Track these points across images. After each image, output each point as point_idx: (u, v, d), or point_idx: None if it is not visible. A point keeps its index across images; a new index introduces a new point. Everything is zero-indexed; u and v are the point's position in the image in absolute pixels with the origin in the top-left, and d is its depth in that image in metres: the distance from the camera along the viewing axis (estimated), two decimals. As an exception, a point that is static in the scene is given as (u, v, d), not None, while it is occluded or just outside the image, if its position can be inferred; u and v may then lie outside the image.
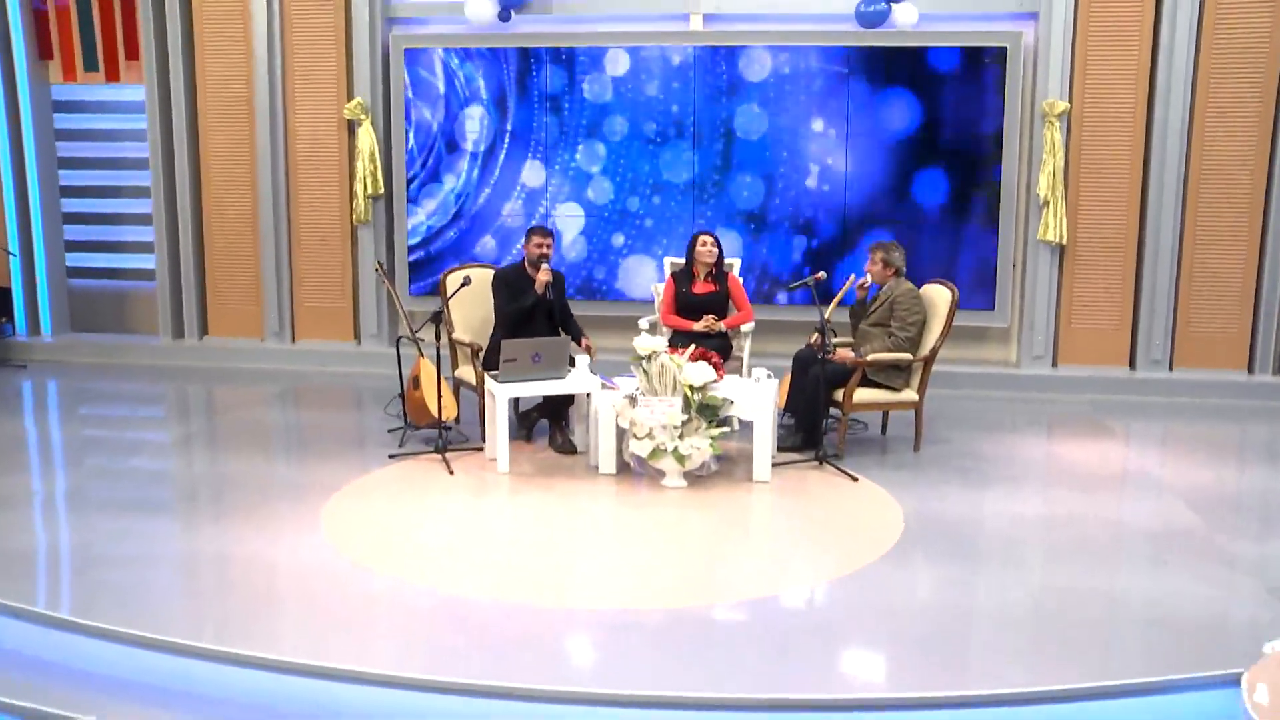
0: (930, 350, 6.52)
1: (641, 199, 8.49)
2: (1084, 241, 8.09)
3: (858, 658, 4.10)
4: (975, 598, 4.59)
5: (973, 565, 4.91)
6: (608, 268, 8.62)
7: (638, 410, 5.83)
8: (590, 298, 8.58)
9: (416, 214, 8.75)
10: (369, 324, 8.92)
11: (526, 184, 8.61)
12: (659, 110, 8.37)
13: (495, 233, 8.69)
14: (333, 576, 4.74)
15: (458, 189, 8.68)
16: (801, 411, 6.53)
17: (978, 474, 6.26)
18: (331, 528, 5.29)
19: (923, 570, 4.85)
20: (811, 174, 8.29)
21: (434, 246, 8.77)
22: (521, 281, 6.72)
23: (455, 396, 6.97)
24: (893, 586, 4.66)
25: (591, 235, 8.60)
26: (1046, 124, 7.91)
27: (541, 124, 8.52)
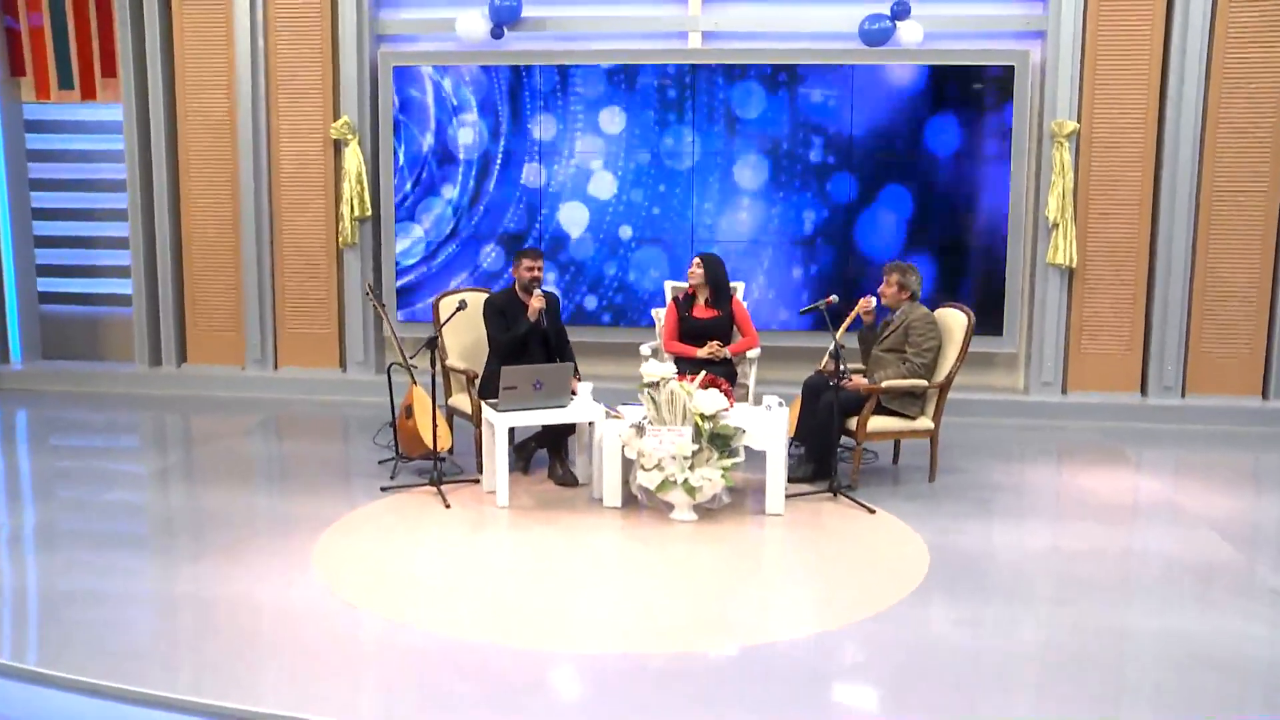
0: (946, 377, 6.27)
1: (639, 225, 8.23)
2: (1093, 264, 7.88)
3: (889, 709, 3.80)
4: (1015, 640, 4.30)
5: (1008, 604, 4.62)
6: (606, 293, 8.34)
7: (645, 440, 5.53)
8: (588, 323, 8.30)
9: (405, 237, 8.45)
10: (355, 351, 8.60)
11: (518, 209, 8.34)
12: (656, 133, 8.13)
13: (484, 259, 8.40)
14: (324, 619, 4.41)
15: (448, 213, 8.39)
16: (812, 440, 6.26)
17: (999, 505, 5.99)
18: (324, 565, 4.96)
19: (953, 610, 4.56)
20: (811, 199, 8.05)
21: (423, 271, 8.47)
22: (513, 308, 6.42)
23: (449, 426, 6.66)
24: (922, 629, 4.37)
25: (590, 260, 8.32)
26: (1055, 144, 7.72)
27: (535, 145, 8.26)
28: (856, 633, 4.31)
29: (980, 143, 7.89)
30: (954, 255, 7.97)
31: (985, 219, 7.95)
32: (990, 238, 7.95)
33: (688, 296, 6.94)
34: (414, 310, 8.48)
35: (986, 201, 7.93)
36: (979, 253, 7.97)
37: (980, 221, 7.96)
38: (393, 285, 8.51)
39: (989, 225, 7.95)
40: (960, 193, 7.95)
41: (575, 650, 4.16)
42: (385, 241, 8.51)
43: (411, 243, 8.45)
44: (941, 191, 7.96)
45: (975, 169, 7.92)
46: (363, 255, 8.50)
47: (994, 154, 7.87)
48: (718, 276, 6.83)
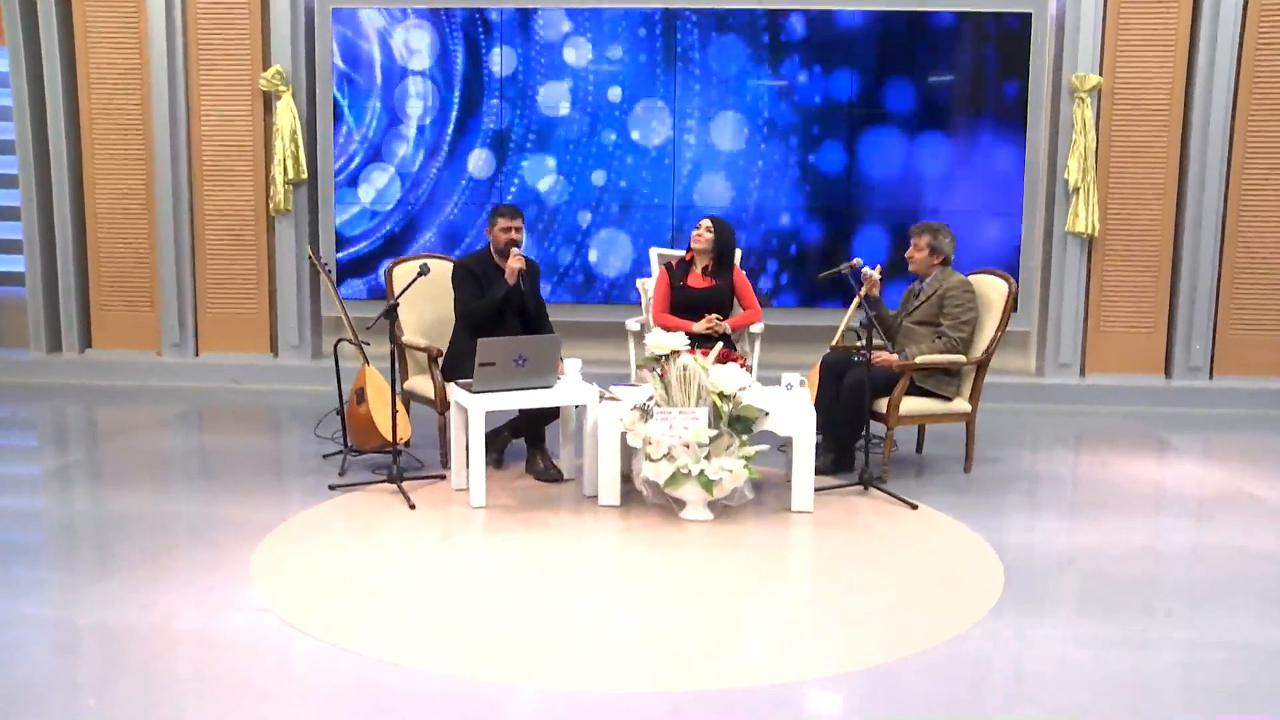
0: (985, 352, 5.47)
1: (612, 174, 7.32)
2: (1115, 233, 7.18)
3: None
4: (1146, 662, 3.49)
5: (1120, 617, 3.81)
6: (577, 262, 7.42)
7: (653, 425, 4.63)
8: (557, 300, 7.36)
9: (348, 205, 7.44)
10: (288, 334, 7.56)
11: (476, 170, 7.38)
12: (628, 80, 7.23)
13: (441, 227, 7.43)
14: (262, 650, 3.44)
15: (397, 176, 7.40)
16: (834, 426, 5.42)
17: (1053, 499, 5.21)
18: (262, 582, 3.97)
19: (1055, 626, 3.73)
20: (807, 158, 7.23)
21: (369, 242, 7.46)
22: (488, 273, 5.48)
23: (406, 414, 5.68)
24: (1025, 652, 3.54)
25: (557, 223, 7.39)
26: (1075, 101, 6.99)
27: (494, 96, 7.31)
28: (937, 661, 3.46)
29: (993, 99, 7.14)
30: (963, 223, 7.19)
31: (998, 183, 7.20)
32: (1003, 204, 7.21)
33: (682, 263, 6.05)
34: (359, 287, 7.47)
35: (999, 164, 7.18)
36: (991, 220, 7.21)
37: (992, 186, 7.21)
38: (333, 259, 7.48)
39: (1002, 190, 7.20)
40: (971, 154, 7.19)
41: (569, 687, 3.25)
42: (324, 209, 7.48)
43: (355, 210, 7.44)
44: (950, 153, 7.19)
45: (988, 128, 7.16)
46: (298, 225, 7.46)
47: (1008, 111, 7.13)
48: (727, 245, 5.96)
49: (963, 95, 7.17)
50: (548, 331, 5.60)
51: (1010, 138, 7.15)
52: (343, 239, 7.47)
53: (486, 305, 5.37)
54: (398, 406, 5.32)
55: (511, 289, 5.42)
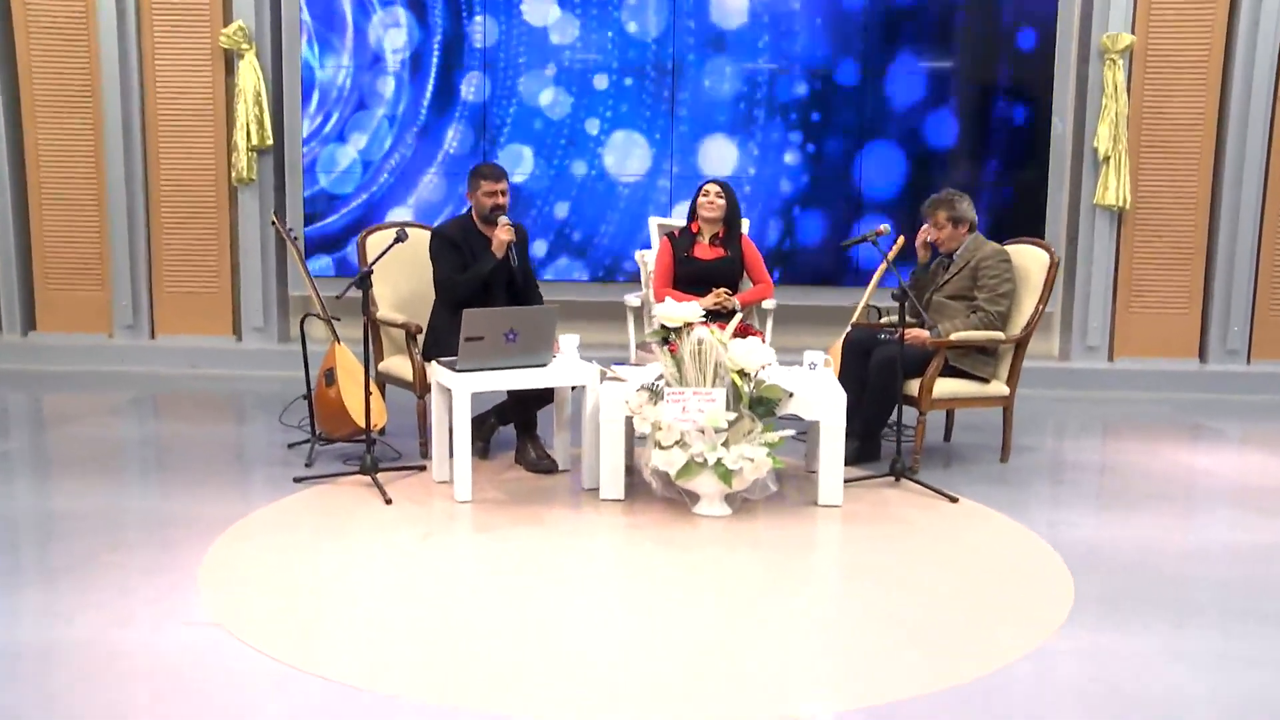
0: (1025, 329, 4.94)
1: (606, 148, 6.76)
2: (1147, 207, 6.67)
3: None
4: (1264, 679, 2.96)
5: (1220, 627, 3.29)
6: (573, 227, 6.85)
7: (664, 408, 4.07)
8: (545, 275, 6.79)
9: (318, 173, 6.83)
10: (253, 315, 6.94)
11: (457, 137, 6.79)
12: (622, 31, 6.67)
13: (420, 198, 6.84)
14: (211, 671, 2.87)
15: (372, 141, 6.80)
16: (858, 411, 4.88)
17: (1104, 491, 4.70)
18: (214, 590, 3.39)
19: (1147, 637, 3.20)
20: (807, 127, 6.69)
21: (341, 214, 6.86)
22: (470, 241, 4.91)
23: (382, 398, 5.10)
24: (1120, 668, 3.00)
25: (548, 194, 6.82)
26: (1106, 62, 6.47)
27: (476, 64, 6.72)
28: (1015, 682, 2.92)
29: (1015, 61, 6.61)
30: (983, 195, 6.67)
31: (1021, 152, 6.68)
32: (1027, 174, 6.68)
33: (686, 234, 5.49)
34: (330, 265, 6.87)
35: (1022, 131, 6.66)
36: (1013, 192, 6.69)
37: (1015, 155, 6.69)
38: (301, 233, 6.88)
39: (1025, 159, 6.68)
40: (991, 121, 6.67)
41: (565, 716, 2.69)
42: (291, 178, 6.88)
43: (326, 180, 6.84)
44: (968, 118, 6.67)
45: (1009, 92, 6.64)
46: (263, 195, 6.85)
47: (1032, 74, 6.60)
48: (735, 210, 5.41)
49: (981, 56, 6.63)
50: (538, 298, 5.05)
51: (1034, 102, 6.63)
52: (313, 211, 6.86)
53: (470, 280, 4.79)
54: (371, 389, 4.74)
55: (501, 261, 4.85)
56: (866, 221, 6.68)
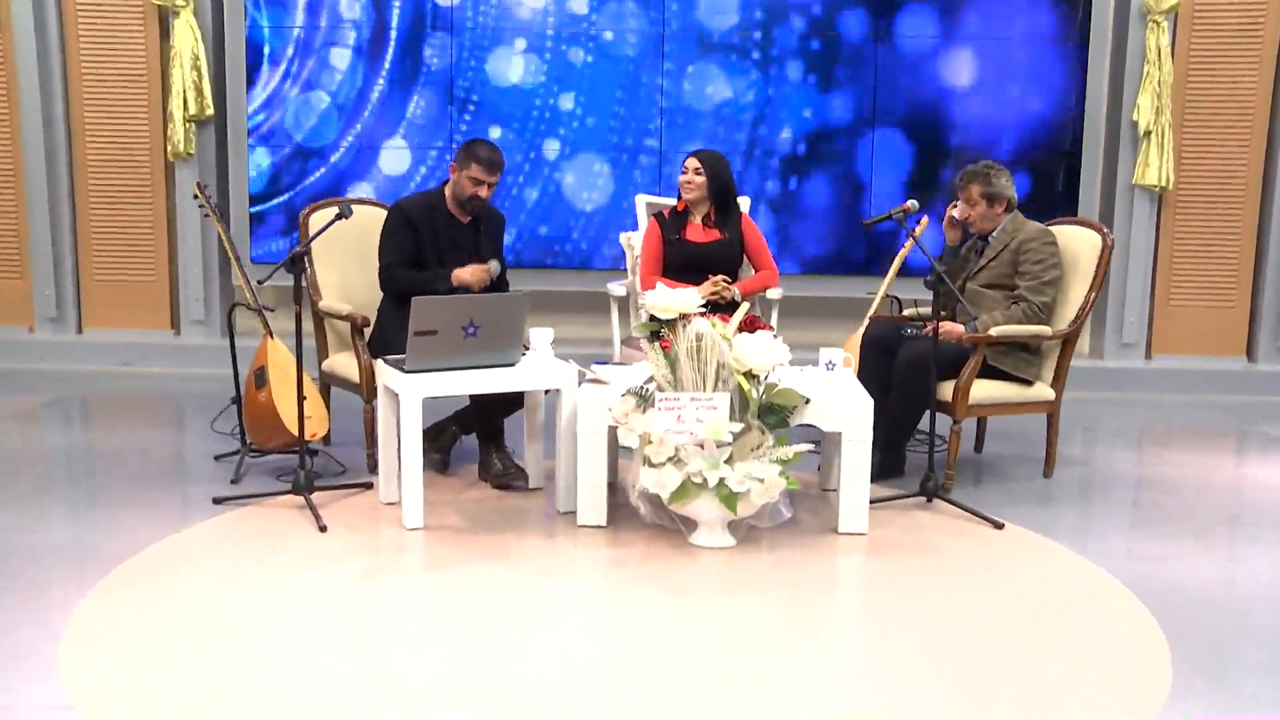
0: (1072, 324, 4.25)
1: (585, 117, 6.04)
2: (1190, 188, 5.98)
3: None
4: None
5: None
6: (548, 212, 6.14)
7: (655, 417, 3.36)
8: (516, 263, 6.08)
9: (264, 147, 6.09)
10: (192, 306, 6.20)
11: (420, 109, 6.06)
12: (614, 1, 5.96)
13: (378, 175, 6.10)
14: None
15: (325, 109, 6.06)
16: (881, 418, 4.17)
17: (1170, 514, 3.99)
18: (79, 656, 2.67)
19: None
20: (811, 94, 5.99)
21: (291, 193, 6.13)
22: (435, 223, 4.19)
23: (325, 402, 4.39)
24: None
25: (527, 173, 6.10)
26: (1148, 25, 5.78)
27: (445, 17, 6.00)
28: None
29: (1046, 23, 5.92)
30: (1010, 175, 5.99)
31: (1051, 125, 5.99)
32: (1057, 150, 6.00)
33: (676, 214, 4.78)
34: (283, 249, 6.13)
35: (1053, 102, 5.97)
36: (1042, 170, 6.00)
37: (1044, 129, 6.00)
38: (245, 214, 6.14)
39: (1055, 133, 5.99)
40: (1018, 90, 5.97)
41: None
42: (235, 153, 6.13)
43: (276, 155, 6.10)
44: (992, 88, 5.97)
45: (1038, 58, 5.95)
46: (203, 172, 6.10)
47: (1064, 38, 5.91)
48: (724, 184, 4.69)
49: (1007, 16, 5.93)
50: (506, 291, 4.35)
51: (1067, 69, 5.93)
52: (263, 190, 6.12)
53: (415, 283, 4.02)
54: (306, 392, 4.02)
55: (464, 240, 4.13)
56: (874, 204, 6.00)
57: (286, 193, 6.14)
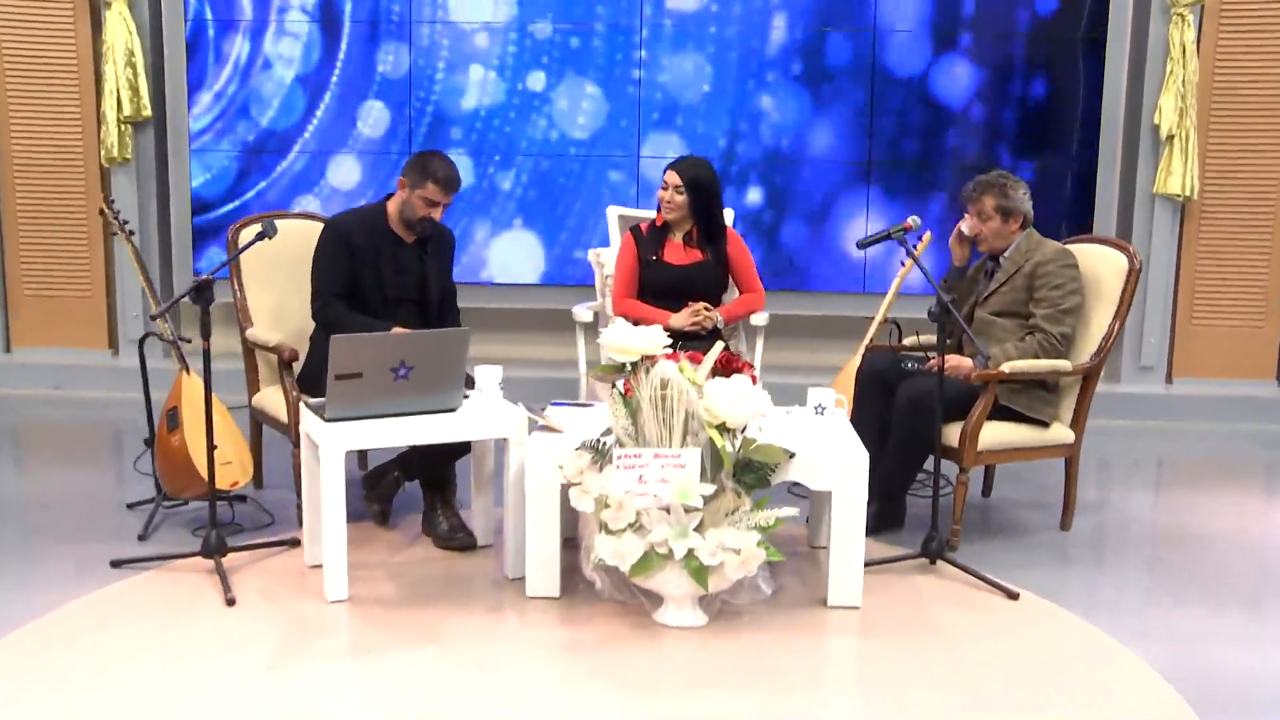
0: (1095, 357, 3.76)
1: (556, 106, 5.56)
2: (1216, 197, 5.49)
3: None
4: None
5: None
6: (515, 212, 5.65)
7: (613, 476, 2.87)
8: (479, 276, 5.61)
9: (210, 152, 5.60)
10: (132, 325, 5.70)
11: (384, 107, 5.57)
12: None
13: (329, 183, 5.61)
14: None
15: (275, 111, 5.57)
16: (878, 464, 3.69)
17: (1212, 576, 3.50)
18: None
19: None
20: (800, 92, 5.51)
21: (239, 201, 5.64)
22: (379, 243, 3.70)
23: (255, 445, 3.90)
24: None
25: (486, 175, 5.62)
26: (1172, 19, 5.28)
27: (404, 12, 5.51)
28: None
29: (1058, 16, 5.43)
30: (1020, 183, 5.51)
31: (1063, 128, 5.51)
32: (1070, 156, 5.51)
33: (654, 230, 4.29)
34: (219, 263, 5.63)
35: (1065, 103, 5.48)
36: (1053, 178, 5.52)
37: (1056, 132, 5.52)
38: (187, 226, 5.66)
39: (1068, 137, 5.51)
40: (1027, 89, 5.49)
41: None
42: (175, 158, 5.64)
43: (221, 158, 5.61)
44: (999, 87, 5.49)
45: (1049, 54, 5.46)
46: (141, 178, 5.61)
47: (1079, 32, 5.42)
48: (708, 200, 4.20)
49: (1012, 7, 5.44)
50: (455, 322, 3.85)
51: (1082, 67, 5.45)
52: (204, 199, 5.64)
53: (350, 324, 3.52)
54: (228, 433, 3.56)
55: (409, 263, 3.64)
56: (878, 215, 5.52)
57: (235, 200, 5.66)
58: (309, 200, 5.59)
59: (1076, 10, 5.40)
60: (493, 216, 5.60)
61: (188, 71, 5.54)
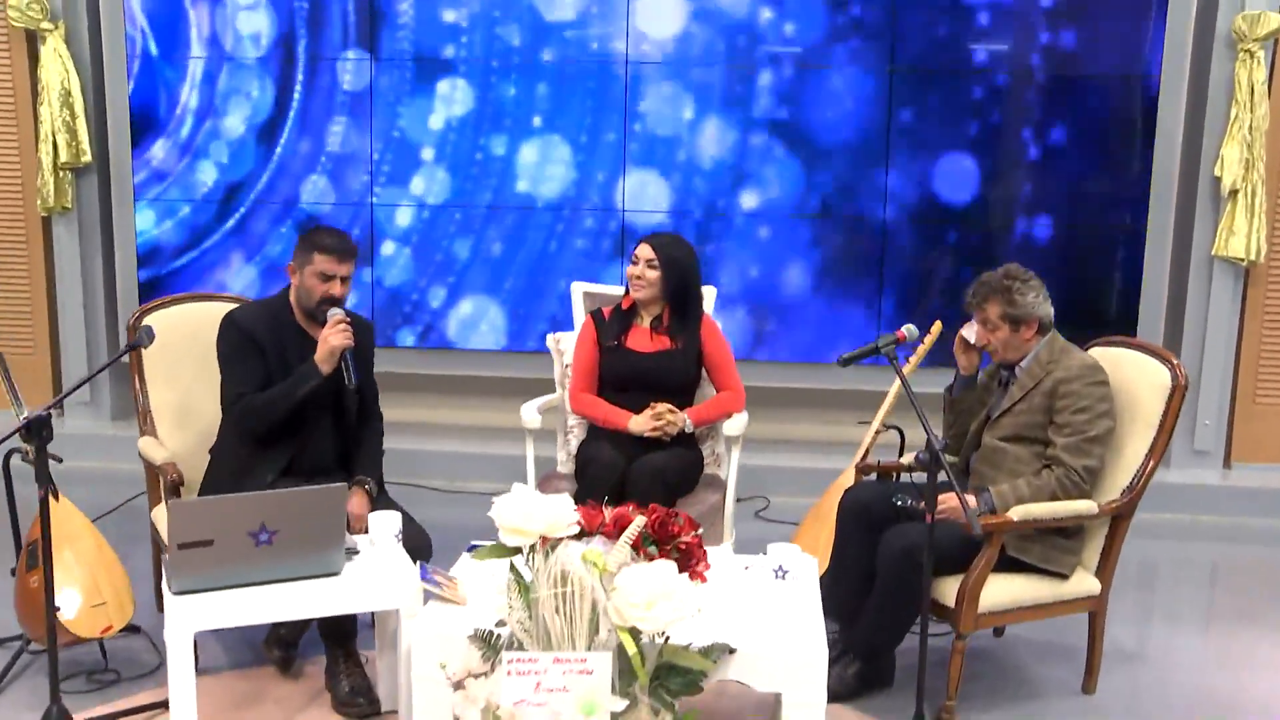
0: (1127, 494, 3.12)
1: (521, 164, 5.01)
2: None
3: None
4: None
5: None
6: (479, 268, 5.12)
7: (504, 683, 2.31)
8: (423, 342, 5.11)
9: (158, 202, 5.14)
10: (77, 384, 5.28)
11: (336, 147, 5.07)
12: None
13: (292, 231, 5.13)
14: None
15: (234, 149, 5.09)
16: (862, 616, 3.11)
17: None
18: None
19: None
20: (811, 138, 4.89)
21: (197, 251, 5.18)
22: (283, 339, 3.19)
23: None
24: None
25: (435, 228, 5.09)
26: (1239, 56, 4.58)
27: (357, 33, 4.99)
28: None
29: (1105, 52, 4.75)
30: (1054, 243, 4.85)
31: (1106, 181, 4.84)
32: (1115, 212, 4.84)
33: (619, 313, 3.72)
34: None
35: (1110, 152, 4.81)
36: (1095, 238, 4.86)
37: (1098, 184, 4.85)
38: (133, 282, 5.19)
39: (1113, 191, 4.84)
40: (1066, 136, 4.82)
41: None
42: (120, 206, 5.17)
43: (170, 207, 5.14)
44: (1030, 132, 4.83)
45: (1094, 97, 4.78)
46: (84, 228, 5.17)
47: (1128, 71, 4.74)
48: (683, 280, 3.64)
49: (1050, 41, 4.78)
50: (374, 436, 3.33)
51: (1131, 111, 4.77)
52: (152, 250, 5.17)
53: (277, 403, 3.08)
54: (106, 563, 3.10)
55: (326, 378, 3.11)
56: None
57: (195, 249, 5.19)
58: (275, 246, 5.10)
59: (1125, 45, 4.72)
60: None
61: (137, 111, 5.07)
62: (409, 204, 5.05)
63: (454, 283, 5.08)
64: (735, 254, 4.96)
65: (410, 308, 5.12)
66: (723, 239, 4.95)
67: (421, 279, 5.10)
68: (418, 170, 5.02)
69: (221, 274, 5.17)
